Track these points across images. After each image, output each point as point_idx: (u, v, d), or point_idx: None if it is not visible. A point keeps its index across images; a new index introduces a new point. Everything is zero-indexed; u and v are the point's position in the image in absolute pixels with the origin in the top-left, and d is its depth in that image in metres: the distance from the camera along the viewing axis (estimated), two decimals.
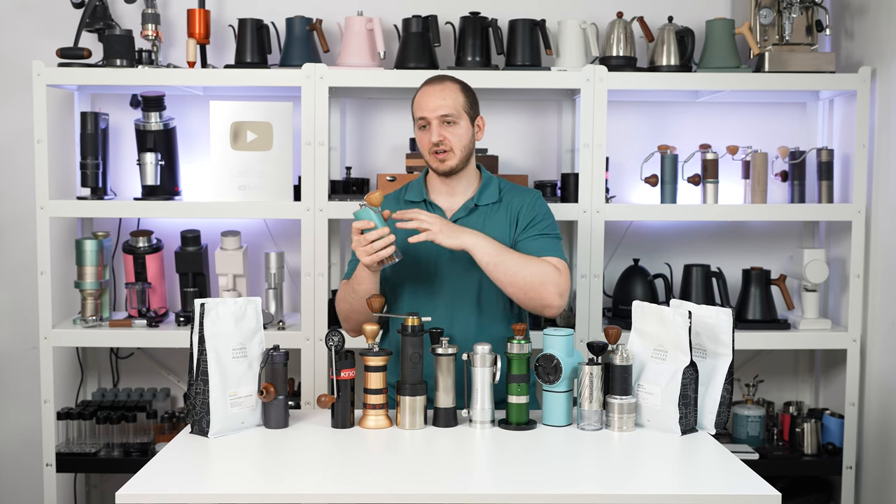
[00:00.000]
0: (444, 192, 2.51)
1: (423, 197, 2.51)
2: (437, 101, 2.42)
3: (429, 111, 2.42)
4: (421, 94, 2.46)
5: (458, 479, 1.93)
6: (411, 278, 2.47)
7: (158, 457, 2.01)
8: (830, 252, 3.44)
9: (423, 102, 2.44)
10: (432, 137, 2.42)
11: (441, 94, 2.43)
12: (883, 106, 3.14)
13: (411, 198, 2.53)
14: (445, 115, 2.41)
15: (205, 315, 2.12)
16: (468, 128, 2.46)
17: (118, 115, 3.40)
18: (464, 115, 2.45)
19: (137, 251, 3.25)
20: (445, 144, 2.42)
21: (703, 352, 2.23)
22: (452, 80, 2.49)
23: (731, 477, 1.92)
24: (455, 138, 2.43)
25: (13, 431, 3.50)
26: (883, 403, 3.13)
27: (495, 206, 2.50)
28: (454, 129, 2.43)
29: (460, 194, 2.51)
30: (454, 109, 2.43)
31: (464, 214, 2.47)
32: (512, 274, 2.34)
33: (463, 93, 2.46)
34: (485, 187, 2.51)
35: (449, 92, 2.44)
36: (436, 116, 2.42)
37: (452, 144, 2.42)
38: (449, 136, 2.42)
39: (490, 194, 2.50)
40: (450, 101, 2.42)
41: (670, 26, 3.25)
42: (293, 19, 3.26)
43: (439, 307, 2.43)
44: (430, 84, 2.47)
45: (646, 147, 3.40)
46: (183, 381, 3.49)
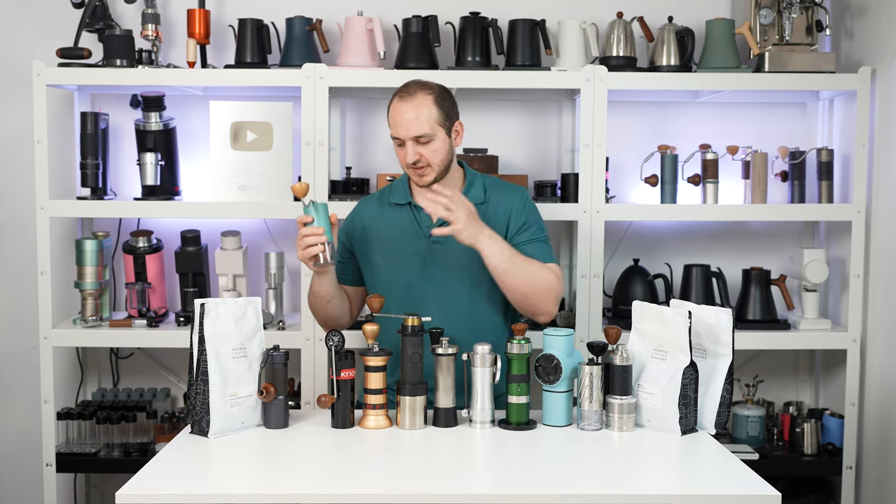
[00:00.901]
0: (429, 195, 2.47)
1: (408, 199, 2.49)
2: (410, 120, 2.36)
3: (402, 132, 2.38)
4: (394, 108, 2.40)
5: (458, 479, 1.93)
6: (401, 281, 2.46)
7: (158, 457, 2.01)
8: (830, 252, 3.44)
9: (396, 120, 2.39)
10: (408, 158, 2.39)
11: (413, 111, 2.37)
12: (883, 106, 3.14)
13: (396, 200, 2.51)
14: (419, 136, 2.37)
15: (205, 315, 2.12)
16: (445, 140, 2.41)
17: (118, 115, 3.40)
18: (439, 129, 2.39)
19: (137, 251, 3.25)
20: (422, 161, 2.39)
21: (703, 352, 2.23)
22: (424, 90, 2.40)
23: (731, 477, 1.92)
24: (432, 154, 2.39)
25: (13, 431, 3.50)
26: (883, 403, 3.13)
27: (482, 206, 2.47)
28: (430, 145, 2.39)
29: None
30: (428, 128, 2.37)
31: None
32: (519, 279, 2.35)
33: (436, 105, 2.40)
34: (470, 187, 2.50)
35: (422, 109, 2.37)
36: (410, 137, 2.37)
37: (430, 160, 2.40)
38: (424, 152, 2.39)
39: (476, 194, 2.48)
40: (423, 119, 2.37)
41: (670, 26, 3.25)
42: (293, 19, 3.26)
43: (431, 310, 2.41)
44: (402, 99, 2.40)
45: (646, 147, 3.40)
46: (183, 381, 3.49)
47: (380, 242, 2.49)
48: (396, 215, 2.50)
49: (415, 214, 2.48)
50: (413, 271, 2.45)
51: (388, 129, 2.45)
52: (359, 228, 2.54)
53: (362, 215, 2.56)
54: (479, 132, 3.44)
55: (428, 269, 2.45)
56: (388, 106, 2.44)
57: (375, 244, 2.50)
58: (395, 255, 2.46)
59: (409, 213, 2.49)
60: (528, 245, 2.44)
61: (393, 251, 2.47)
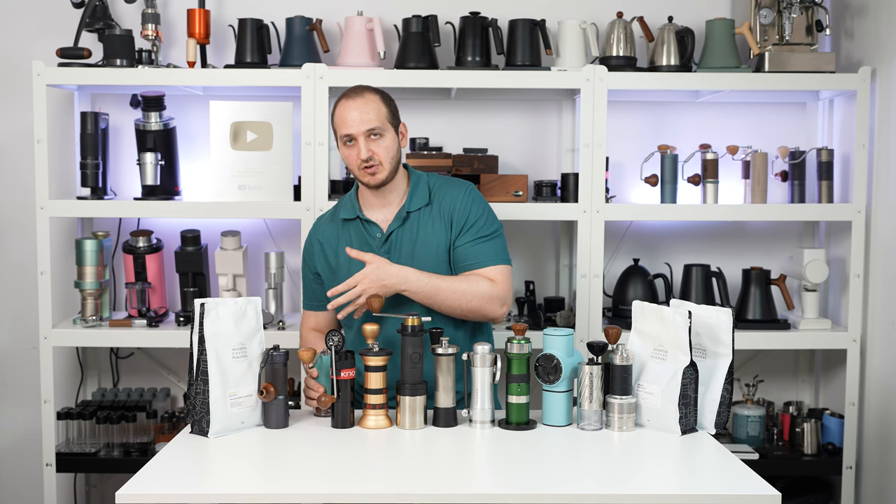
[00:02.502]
0: (377, 205, 2.48)
1: (356, 214, 2.48)
2: (362, 115, 2.38)
3: (354, 127, 2.38)
4: (341, 108, 2.41)
5: (458, 479, 1.93)
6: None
7: (158, 457, 2.01)
8: (830, 252, 3.44)
9: (347, 118, 2.39)
10: (361, 154, 2.38)
11: (364, 107, 2.38)
12: (883, 106, 3.14)
13: (345, 215, 2.50)
14: (371, 129, 2.38)
15: (205, 315, 2.12)
16: (394, 138, 2.43)
17: (118, 115, 3.40)
18: (388, 126, 2.41)
19: (137, 251, 3.25)
20: (375, 159, 2.39)
21: (703, 352, 2.23)
22: (371, 91, 2.43)
23: (731, 477, 1.92)
24: (383, 151, 2.40)
25: (13, 431, 3.50)
26: (883, 403, 3.13)
27: (427, 209, 2.46)
28: (381, 141, 2.40)
29: (392, 203, 2.48)
30: (379, 122, 2.39)
31: (397, 225, 2.45)
32: (449, 304, 2.37)
33: (384, 103, 2.42)
34: (414, 191, 2.48)
35: (371, 105, 2.39)
36: (362, 132, 2.38)
37: (381, 158, 2.40)
38: (377, 149, 2.39)
39: (420, 198, 2.47)
40: (373, 114, 2.38)
41: (670, 26, 3.25)
42: (293, 19, 3.26)
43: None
44: (350, 98, 2.41)
45: (646, 147, 3.40)
46: (183, 381, 3.50)
47: (336, 258, 2.49)
48: (347, 231, 2.49)
49: (365, 228, 2.47)
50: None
51: (335, 132, 2.44)
52: (317, 249, 2.53)
53: (318, 236, 2.55)
54: (479, 132, 3.44)
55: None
56: (333, 110, 2.45)
57: (333, 262, 2.50)
58: (352, 269, 2.42)
59: (360, 226, 2.48)
60: (470, 246, 2.42)
61: (350, 265, 2.44)
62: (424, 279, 2.35)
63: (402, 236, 2.44)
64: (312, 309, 2.60)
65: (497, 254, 2.44)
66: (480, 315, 2.41)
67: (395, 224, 2.46)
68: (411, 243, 2.44)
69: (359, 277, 2.33)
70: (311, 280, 2.58)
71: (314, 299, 2.58)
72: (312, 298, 2.58)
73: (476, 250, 2.42)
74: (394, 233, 2.45)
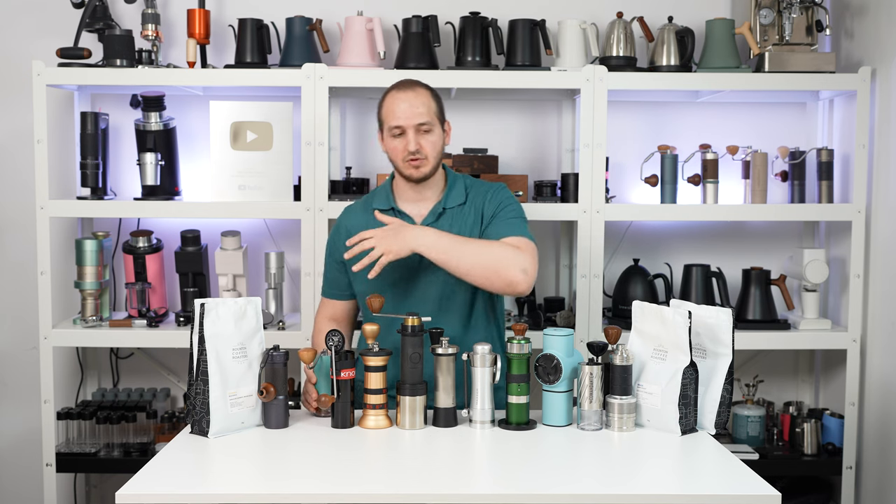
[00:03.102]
0: (412, 199, 2.49)
1: (391, 205, 2.49)
2: (413, 108, 2.39)
3: (404, 119, 2.39)
4: (392, 99, 2.42)
5: (458, 479, 1.93)
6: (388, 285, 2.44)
7: (158, 457, 2.01)
8: (830, 252, 3.44)
9: (397, 110, 2.40)
10: (409, 146, 2.39)
11: (415, 100, 2.40)
12: (883, 106, 3.14)
13: (379, 206, 2.50)
14: (422, 123, 2.39)
15: (205, 315, 2.12)
16: (440, 134, 2.45)
17: (118, 115, 3.40)
18: (437, 121, 2.43)
19: (137, 251, 3.25)
20: (422, 152, 2.40)
21: (703, 352, 2.23)
22: (422, 85, 2.45)
23: (731, 477, 1.92)
24: (430, 145, 2.41)
25: (13, 431, 3.50)
26: (883, 403, 3.13)
27: (462, 208, 2.47)
28: (429, 136, 2.41)
29: (428, 199, 2.48)
30: (429, 117, 2.40)
31: (432, 220, 2.45)
32: (467, 263, 2.30)
33: (434, 99, 2.44)
34: (451, 189, 2.49)
35: (423, 99, 2.41)
36: (412, 124, 2.39)
37: (428, 152, 2.41)
38: (425, 143, 2.40)
39: (457, 196, 2.48)
40: (424, 108, 2.40)
41: (670, 26, 3.25)
42: (293, 19, 3.26)
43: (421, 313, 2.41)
44: (401, 90, 2.43)
45: (646, 147, 3.40)
46: (183, 381, 3.50)
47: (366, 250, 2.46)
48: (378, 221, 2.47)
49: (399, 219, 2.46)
50: (400, 275, 2.44)
51: (382, 122, 2.44)
52: (344, 236, 2.51)
53: (347, 223, 2.54)
54: (479, 132, 3.44)
55: (413, 272, 2.44)
56: (381, 102, 2.45)
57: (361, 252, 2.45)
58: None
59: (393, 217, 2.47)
60: (494, 226, 2.42)
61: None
62: (443, 236, 2.33)
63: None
64: (331, 297, 2.59)
65: (522, 230, 2.42)
66: (500, 280, 2.30)
67: (429, 219, 2.45)
68: None
69: (374, 231, 2.31)
70: (333, 268, 2.57)
71: (335, 287, 2.57)
72: (333, 286, 2.57)
73: (499, 227, 2.41)
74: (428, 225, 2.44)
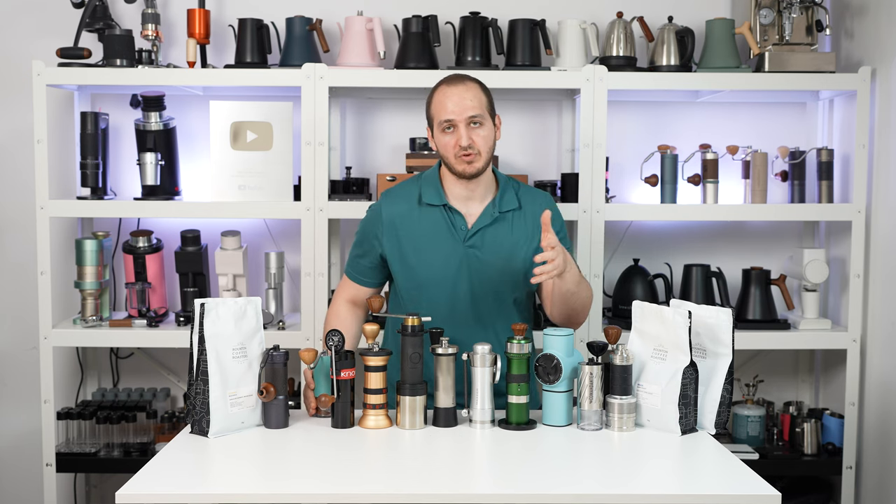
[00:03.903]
0: (463, 197, 2.44)
1: (443, 201, 2.43)
2: (464, 102, 2.34)
3: (456, 113, 2.34)
4: (442, 94, 2.37)
5: (458, 479, 1.93)
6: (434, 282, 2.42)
7: (158, 457, 2.01)
8: (830, 252, 3.44)
9: (447, 104, 2.35)
10: (461, 141, 2.34)
11: (466, 94, 2.35)
12: (883, 106, 3.14)
13: (430, 201, 2.43)
14: (473, 116, 2.34)
15: (205, 315, 2.11)
16: (492, 128, 2.40)
17: (118, 115, 3.40)
18: (488, 115, 2.39)
19: (137, 251, 3.25)
20: (474, 147, 2.35)
21: (703, 352, 2.23)
22: (472, 79, 2.40)
23: (731, 477, 1.92)
24: (482, 140, 2.36)
25: (13, 431, 3.50)
26: (883, 403, 3.13)
27: (517, 213, 2.45)
28: (481, 130, 2.36)
29: (478, 199, 2.44)
30: (481, 110, 2.36)
31: (488, 222, 2.42)
32: (577, 301, 2.38)
33: (484, 92, 2.39)
34: (503, 192, 2.45)
35: (474, 93, 2.36)
36: (464, 119, 2.34)
37: (480, 147, 2.36)
38: (476, 138, 2.36)
39: (509, 200, 2.45)
40: (476, 101, 2.35)
41: (670, 26, 3.25)
42: (293, 19, 3.26)
43: (461, 312, 2.42)
44: (451, 84, 2.38)
45: (646, 147, 3.40)
46: (183, 381, 3.50)
47: (412, 242, 2.43)
48: (430, 216, 2.43)
49: (450, 217, 2.42)
50: (448, 273, 2.41)
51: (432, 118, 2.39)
52: (388, 227, 2.45)
53: (392, 213, 2.46)
54: None
55: (462, 271, 2.42)
56: (430, 98, 2.41)
57: (407, 244, 2.43)
58: (430, 256, 2.41)
59: (444, 214, 2.43)
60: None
61: (428, 252, 2.41)
62: (576, 269, 2.35)
63: (491, 235, 2.41)
64: (355, 281, 2.52)
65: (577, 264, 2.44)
66: (577, 320, 2.43)
67: (485, 221, 2.42)
68: (501, 244, 2.42)
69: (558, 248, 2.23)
70: (366, 253, 2.49)
71: (361, 273, 2.51)
72: (360, 271, 2.51)
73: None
74: (482, 230, 2.41)
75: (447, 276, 2.42)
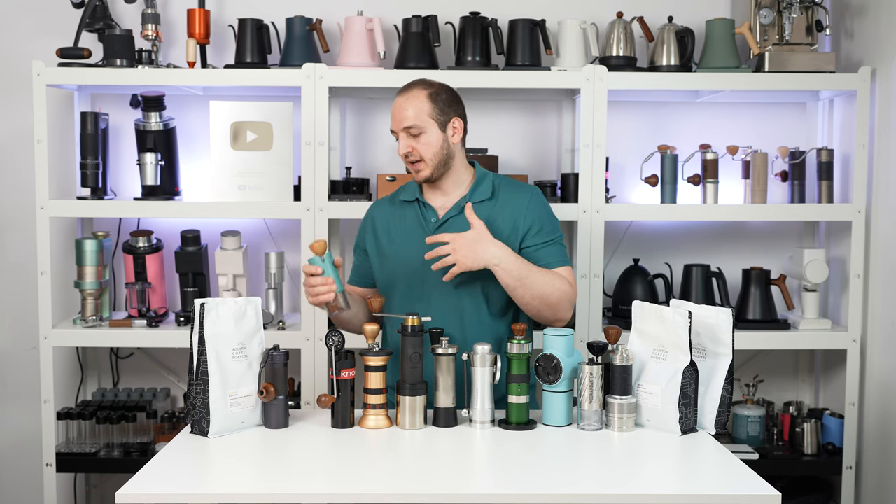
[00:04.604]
0: (438, 192, 2.50)
1: (416, 196, 2.51)
2: (402, 112, 2.41)
3: (395, 123, 2.43)
4: (394, 103, 2.45)
5: (458, 479, 1.93)
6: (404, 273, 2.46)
7: (158, 457, 2.01)
8: (830, 252, 3.44)
9: (392, 113, 2.44)
10: (399, 149, 2.43)
11: (405, 104, 2.41)
12: (883, 106, 3.14)
13: (405, 198, 2.53)
14: (408, 126, 2.40)
15: (205, 315, 2.12)
16: (438, 135, 2.42)
17: (118, 115, 3.40)
18: (431, 122, 2.41)
19: (137, 251, 3.25)
20: (414, 155, 2.41)
21: (703, 352, 2.23)
22: (421, 86, 2.44)
23: (731, 477, 1.92)
24: (423, 147, 2.41)
25: (13, 431, 3.50)
26: (883, 403, 3.13)
27: (489, 203, 2.47)
28: (421, 138, 2.41)
29: (453, 193, 2.49)
30: (417, 120, 2.40)
31: (455, 213, 2.45)
32: (532, 293, 2.34)
33: (430, 99, 2.42)
34: (477, 184, 2.49)
35: (414, 101, 2.41)
36: (401, 128, 2.42)
37: (422, 154, 2.41)
38: (416, 146, 2.41)
39: (483, 191, 2.48)
40: (412, 111, 2.40)
41: (670, 26, 3.25)
42: (293, 19, 3.26)
43: (431, 305, 2.42)
44: (400, 93, 2.45)
45: (646, 147, 3.40)
46: (183, 381, 3.50)
47: (387, 236, 2.51)
48: (404, 212, 2.52)
49: (421, 210, 2.49)
50: (417, 266, 2.44)
51: None
52: (369, 226, 2.56)
53: (374, 213, 2.58)
54: (479, 132, 3.44)
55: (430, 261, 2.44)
56: None
57: (383, 238, 2.52)
58: (401, 249, 2.47)
59: (417, 208, 2.50)
60: (541, 249, 2.42)
61: (399, 244, 2.48)
62: (518, 261, 2.33)
63: (459, 226, 2.42)
64: (354, 284, 2.61)
65: (566, 257, 2.45)
66: (553, 313, 2.37)
67: (453, 211, 2.46)
68: None
69: (456, 236, 2.29)
70: (358, 255, 2.60)
71: (356, 275, 2.61)
72: (357, 274, 2.61)
73: (548, 252, 2.42)
74: (451, 220, 2.45)
75: (417, 268, 2.44)
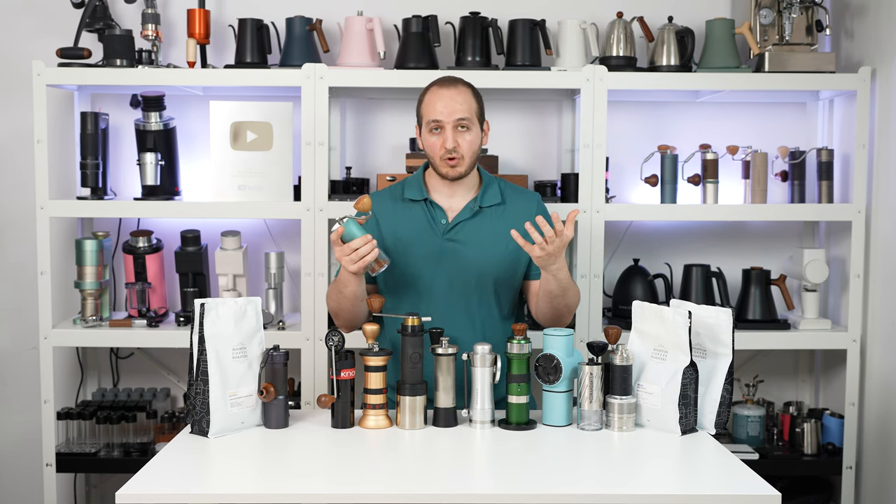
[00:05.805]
0: (445, 193, 2.48)
1: (424, 196, 2.48)
2: (454, 105, 2.37)
3: (444, 115, 2.37)
4: (433, 95, 2.41)
5: (458, 479, 1.93)
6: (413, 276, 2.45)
7: (158, 457, 2.01)
8: (830, 252, 3.44)
9: (437, 105, 2.39)
10: (447, 143, 2.37)
11: (456, 97, 2.38)
12: (883, 106, 3.14)
13: (411, 196, 2.48)
14: (462, 119, 2.37)
15: (205, 315, 2.12)
16: (478, 133, 2.43)
17: (118, 115, 3.40)
18: (476, 120, 2.42)
19: (137, 251, 3.25)
20: (458, 151, 2.38)
21: (703, 352, 2.23)
22: (464, 83, 2.44)
23: (731, 477, 1.92)
24: (467, 144, 2.40)
25: (13, 431, 3.50)
26: (883, 403, 3.13)
27: (499, 207, 2.47)
28: (467, 134, 2.39)
29: (460, 195, 2.48)
30: (469, 114, 2.39)
31: (468, 216, 2.45)
32: (565, 302, 2.42)
33: (474, 97, 2.43)
34: (486, 188, 2.49)
35: (464, 96, 2.39)
36: (452, 121, 2.37)
37: (464, 151, 2.39)
38: (462, 142, 2.39)
39: (492, 196, 2.48)
40: (465, 105, 2.38)
41: (670, 26, 3.25)
42: (293, 19, 3.26)
43: (438, 307, 2.42)
44: (443, 86, 2.41)
45: (646, 147, 3.40)
46: (183, 381, 3.50)
47: (394, 236, 2.46)
48: (411, 211, 2.47)
49: (430, 211, 2.46)
50: (426, 267, 2.43)
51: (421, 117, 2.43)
52: (372, 222, 2.47)
53: (377, 210, 2.50)
54: None
55: (441, 265, 2.43)
56: (422, 97, 2.44)
57: (389, 238, 2.46)
58: (409, 249, 2.44)
59: (425, 209, 2.46)
60: None
61: (407, 246, 2.44)
62: (567, 272, 2.37)
63: (471, 229, 2.43)
64: None
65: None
66: (567, 318, 2.47)
67: (465, 215, 2.45)
68: (481, 238, 2.43)
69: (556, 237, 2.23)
70: None
71: None
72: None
73: None
74: (462, 223, 2.44)
75: (426, 269, 2.43)
